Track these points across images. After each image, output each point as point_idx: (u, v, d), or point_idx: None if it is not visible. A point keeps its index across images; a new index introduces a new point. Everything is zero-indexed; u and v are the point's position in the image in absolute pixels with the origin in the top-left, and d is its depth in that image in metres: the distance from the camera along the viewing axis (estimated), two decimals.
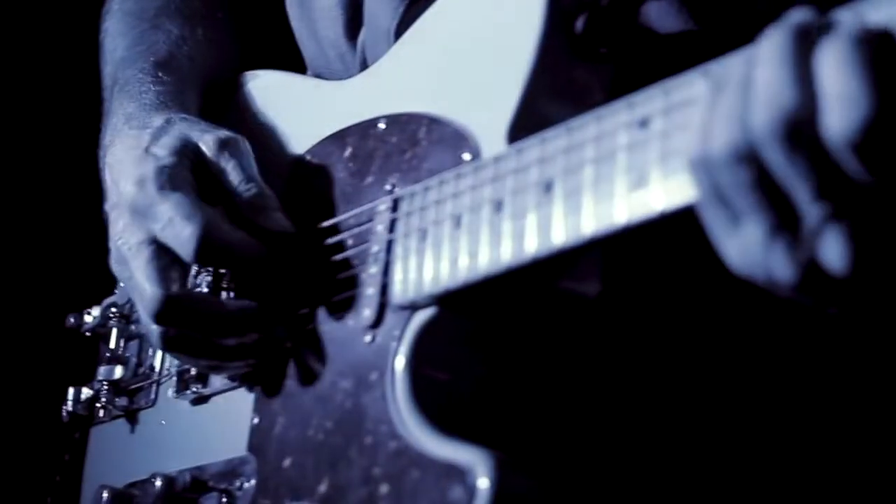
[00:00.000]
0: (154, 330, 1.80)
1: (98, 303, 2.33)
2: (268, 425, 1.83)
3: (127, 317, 2.20)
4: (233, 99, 2.16)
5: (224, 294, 1.92)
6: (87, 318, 2.26)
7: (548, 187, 1.49)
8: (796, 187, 1.19)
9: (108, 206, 1.92)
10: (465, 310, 1.62)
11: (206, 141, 1.85)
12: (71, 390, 2.26)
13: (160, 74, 2.05)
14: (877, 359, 1.65)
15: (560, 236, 1.47)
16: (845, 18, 1.21)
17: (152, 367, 2.14)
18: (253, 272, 1.83)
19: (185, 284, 1.79)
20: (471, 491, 1.48)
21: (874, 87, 1.13)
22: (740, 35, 1.59)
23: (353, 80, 1.95)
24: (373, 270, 1.72)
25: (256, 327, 1.80)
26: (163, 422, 2.10)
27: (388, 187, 1.76)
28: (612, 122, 1.44)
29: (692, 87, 1.35)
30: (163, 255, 1.79)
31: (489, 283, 1.56)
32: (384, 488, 1.60)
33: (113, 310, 2.20)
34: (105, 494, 2.04)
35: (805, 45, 1.20)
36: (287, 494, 1.75)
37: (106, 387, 2.16)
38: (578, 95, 1.65)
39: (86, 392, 2.25)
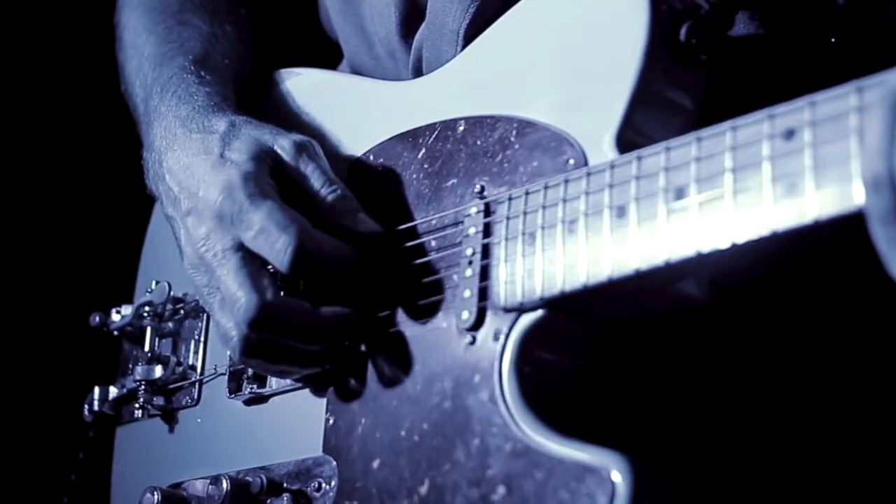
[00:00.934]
0: (237, 335, 1.78)
1: (112, 303, 2.29)
2: (347, 426, 1.83)
3: (161, 315, 2.16)
4: (268, 97, 2.15)
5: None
6: (116, 317, 2.22)
7: (679, 193, 1.52)
8: None
9: (173, 212, 1.90)
10: (572, 311, 1.65)
11: (283, 145, 1.85)
12: (97, 389, 2.24)
13: (203, 73, 2.04)
14: None
15: (695, 243, 1.50)
16: None
17: (192, 367, 2.13)
18: (342, 277, 1.82)
19: (278, 291, 1.77)
20: (609, 492, 1.51)
21: None
22: (810, 41, 1.68)
23: (420, 81, 1.95)
24: (468, 273, 1.73)
25: (347, 335, 1.80)
26: (207, 421, 2.08)
27: (476, 189, 1.77)
28: (751, 131, 1.48)
29: (846, 101, 1.40)
30: (252, 262, 1.78)
31: (600, 288, 1.59)
32: (501, 489, 1.62)
33: (147, 309, 2.16)
34: (156, 496, 2.00)
35: None
36: (378, 495, 1.75)
37: (144, 386, 2.11)
38: (677, 102, 1.68)
39: (113, 391, 2.20)
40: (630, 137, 1.64)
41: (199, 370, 2.11)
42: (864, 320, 1.72)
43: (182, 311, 2.15)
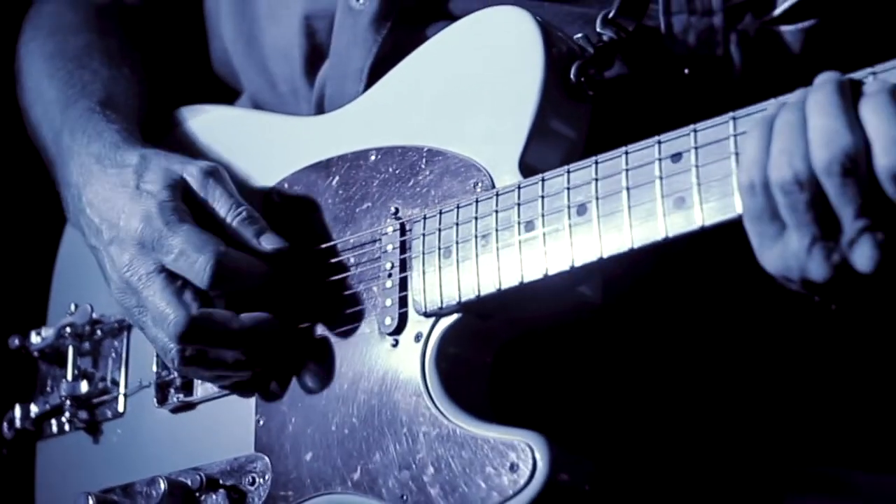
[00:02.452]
0: (172, 349, 1.99)
1: (16, 327, 2.46)
2: (277, 425, 2.05)
3: (81, 335, 2.34)
4: (171, 135, 2.35)
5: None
6: (36, 339, 2.39)
7: (581, 209, 1.81)
8: (843, 207, 1.57)
9: (96, 242, 2.09)
10: (484, 314, 1.92)
11: (191, 172, 2.06)
12: (17, 407, 2.40)
13: (108, 113, 2.23)
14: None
15: (596, 250, 1.78)
16: (870, 78, 1.60)
17: (115, 382, 2.31)
18: (259, 291, 2.04)
19: (201, 305, 1.99)
20: (531, 464, 1.77)
21: None
22: (669, 74, 2.00)
23: (329, 116, 2.18)
24: (388, 284, 1.98)
25: (267, 337, 2.02)
26: (134, 431, 2.27)
27: (391, 211, 2.02)
28: (643, 154, 1.77)
29: (724, 128, 1.70)
30: (174, 281, 1.99)
31: (512, 292, 1.86)
32: (430, 470, 1.87)
33: (68, 329, 2.34)
34: (90, 500, 2.18)
35: (848, 98, 1.58)
36: (313, 483, 1.98)
37: (70, 401, 2.29)
38: (569, 131, 1.97)
39: (34, 409, 2.37)
40: (530, 163, 1.92)
41: (121, 384, 2.28)
42: (739, 309, 2.03)
43: (101, 331, 2.33)
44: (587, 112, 1.98)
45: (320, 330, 2.03)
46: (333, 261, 2.06)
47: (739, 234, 1.69)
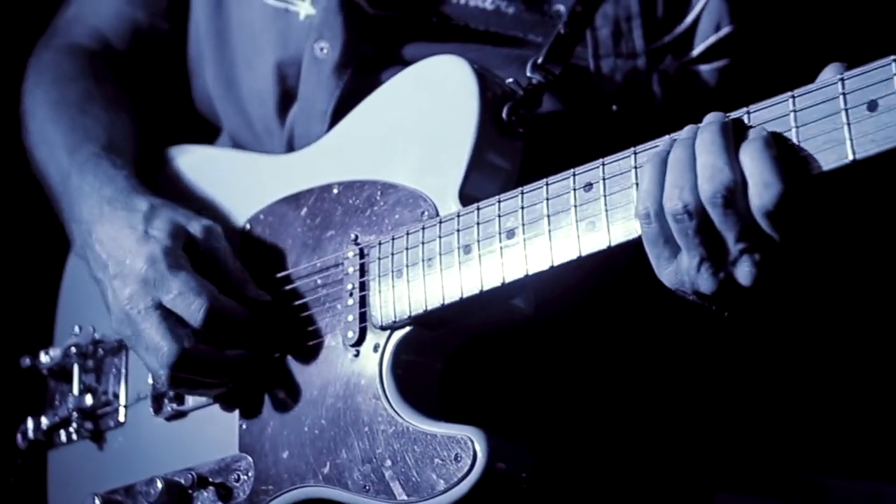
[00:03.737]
0: (164, 375, 2.28)
1: (33, 347, 2.76)
2: (258, 428, 2.34)
3: (85, 354, 2.64)
4: (162, 173, 2.65)
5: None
6: (45, 358, 2.68)
7: (510, 234, 2.10)
8: (726, 232, 1.85)
9: (101, 275, 2.37)
10: (431, 325, 2.21)
11: (195, 227, 2.35)
12: (30, 420, 2.68)
13: (113, 158, 2.52)
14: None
15: (523, 268, 2.07)
16: (745, 117, 1.88)
17: (115, 395, 2.60)
18: (240, 328, 2.34)
19: (193, 339, 2.28)
20: (471, 454, 2.06)
21: (780, 175, 1.81)
22: (598, 110, 2.28)
23: (298, 154, 2.47)
24: (349, 303, 2.27)
25: (245, 370, 2.31)
26: (134, 438, 2.56)
27: (351, 238, 2.31)
28: (561, 185, 2.06)
29: (627, 161, 1.99)
30: (169, 317, 2.28)
31: (454, 306, 2.15)
32: (388, 462, 2.16)
33: (73, 349, 2.63)
34: (97, 501, 2.48)
35: (730, 137, 1.86)
36: (290, 478, 2.27)
37: (76, 413, 2.59)
38: (503, 165, 2.26)
39: (45, 421, 2.67)
40: (469, 193, 2.20)
41: (122, 397, 2.58)
42: (656, 316, 2.33)
43: (102, 350, 2.62)
44: (520, 147, 2.27)
45: (294, 345, 2.32)
46: (302, 283, 2.34)
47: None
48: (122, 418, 2.57)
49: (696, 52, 2.39)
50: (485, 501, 2.07)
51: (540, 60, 2.30)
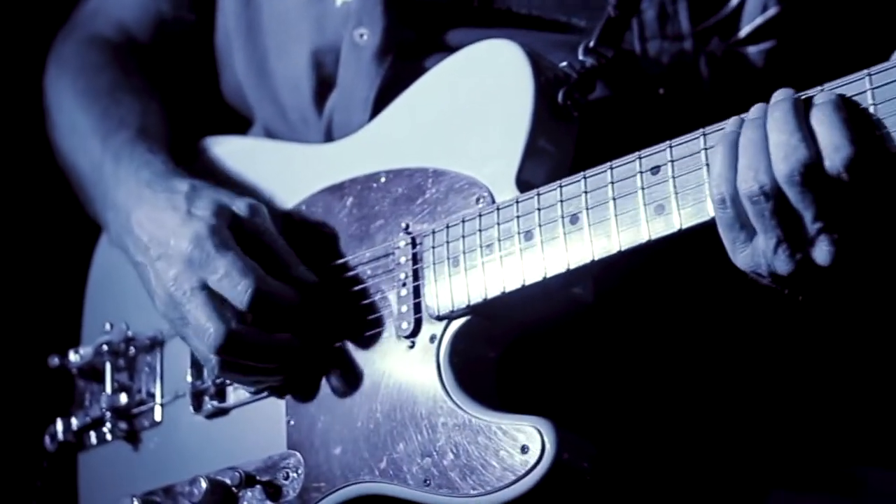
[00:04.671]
0: (212, 359, 2.22)
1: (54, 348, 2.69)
2: (307, 424, 2.28)
3: (117, 352, 2.57)
4: (198, 162, 2.59)
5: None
6: (75, 357, 2.61)
7: (574, 219, 2.05)
8: (804, 211, 1.81)
9: (142, 258, 2.31)
10: (489, 315, 2.16)
11: (239, 206, 2.29)
12: (59, 421, 2.61)
13: (149, 144, 2.47)
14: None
15: (588, 254, 2.03)
16: (817, 92, 1.84)
17: (150, 393, 2.54)
18: (287, 311, 2.27)
19: (239, 321, 2.22)
20: (540, 445, 2.01)
21: (850, 137, 1.77)
22: (646, 94, 2.24)
23: (339, 143, 2.42)
24: (403, 293, 2.22)
25: (293, 355, 2.25)
26: (171, 437, 2.50)
27: (402, 226, 2.25)
28: (626, 169, 2.01)
29: (696, 143, 1.95)
30: (215, 298, 2.22)
31: (515, 294, 2.10)
32: (450, 455, 2.10)
33: (105, 347, 2.56)
34: (135, 502, 2.41)
35: (801, 113, 1.82)
36: (343, 474, 2.21)
37: (110, 413, 2.52)
38: (558, 149, 2.22)
39: (75, 422, 2.60)
40: (525, 178, 2.15)
41: (157, 395, 2.51)
42: (730, 303, 2.29)
43: (134, 348, 2.56)
44: (573, 131, 2.22)
45: (343, 336, 2.26)
46: (351, 274, 2.29)
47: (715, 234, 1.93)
48: (158, 417, 2.51)
49: (742, 33, 2.35)
50: (548, 494, 2.01)
51: (592, 44, 2.26)
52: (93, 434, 2.60)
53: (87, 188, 2.52)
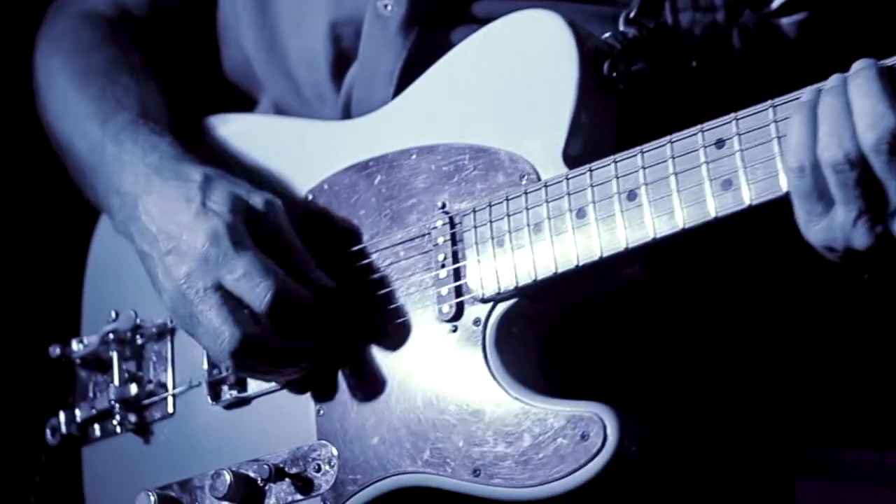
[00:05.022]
0: (227, 363, 2.11)
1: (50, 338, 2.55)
2: (339, 414, 2.18)
3: (125, 341, 2.44)
4: (202, 143, 2.46)
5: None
6: (78, 347, 2.48)
7: (631, 196, 1.96)
8: (889, 181, 1.74)
9: (150, 249, 2.19)
10: (536, 296, 2.06)
11: (256, 201, 2.17)
12: (62, 414, 2.48)
13: (153, 126, 2.34)
14: None
15: (649, 231, 1.94)
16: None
17: (161, 383, 2.41)
18: (305, 314, 2.16)
19: (256, 324, 2.10)
20: (601, 434, 1.93)
21: None
22: (680, 68, 2.17)
23: (363, 119, 2.30)
24: (442, 275, 2.12)
25: (309, 359, 2.15)
26: (184, 429, 2.38)
27: (438, 206, 2.15)
28: (687, 143, 1.93)
29: (762, 114, 1.87)
30: (230, 299, 2.10)
31: (568, 274, 2.01)
32: (501, 445, 2.01)
33: (111, 336, 2.43)
34: (152, 497, 2.29)
35: (887, 81, 1.75)
36: (381, 465, 2.11)
37: (119, 405, 2.39)
38: (602, 123, 2.13)
39: (79, 414, 2.47)
40: (571, 154, 2.06)
41: (169, 385, 2.39)
42: (776, 283, 2.21)
43: (142, 336, 2.43)
44: (616, 105, 2.13)
45: (376, 322, 2.16)
46: (383, 256, 2.18)
47: (770, 213, 1.85)
48: (170, 408, 2.40)
49: (774, 4, 2.28)
50: (605, 483, 1.93)
51: (633, 14, 2.17)
52: (97, 427, 2.47)
53: (85, 173, 2.39)
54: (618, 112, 2.14)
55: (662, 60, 2.27)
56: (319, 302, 2.16)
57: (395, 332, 2.14)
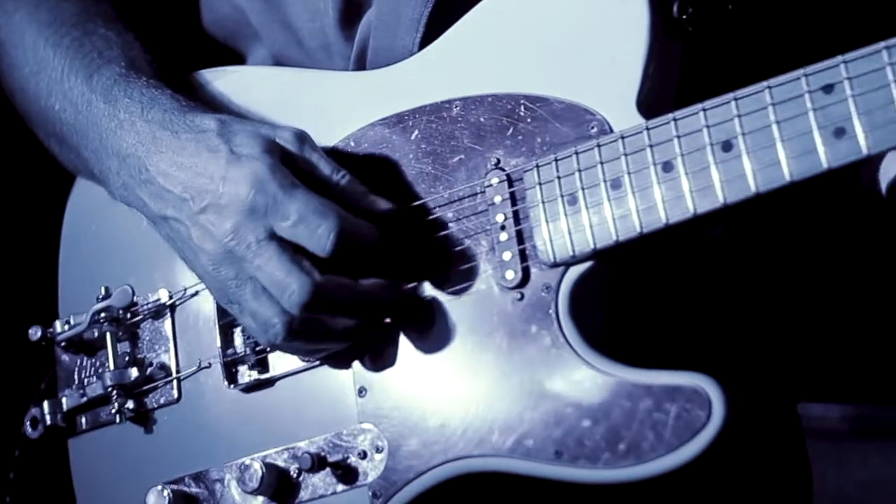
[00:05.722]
0: (280, 321, 1.88)
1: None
2: (385, 394, 1.98)
3: (118, 320, 2.19)
4: (196, 99, 2.20)
5: None
6: (64, 328, 2.23)
7: (726, 146, 1.80)
8: None
9: (175, 213, 1.94)
10: (613, 259, 1.89)
11: (285, 137, 1.95)
12: (46, 403, 2.22)
13: (146, 78, 2.09)
14: None
15: (750, 185, 1.78)
16: None
17: (163, 366, 2.17)
18: (368, 256, 1.94)
19: (322, 272, 1.88)
20: (707, 407, 1.77)
21: None
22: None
23: (389, 69, 2.08)
24: (503, 238, 1.93)
25: (387, 304, 1.94)
26: (193, 416, 2.14)
27: (492, 162, 1.96)
28: (788, 88, 1.77)
29: (878, 58, 1.72)
30: (287, 248, 1.88)
31: (655, 234, 1.84)
32: (585, 423, 1.83)
33: (103, 315, 2.18)
34: (167, 492, 2.05)
35: None
36: (441, 451, 1.92)
37: (116, 392, 2.14)
38: (671, 69, 1.96)
39: (67, 402, 2.21)
40: (645, 103, 1.89)
41: (173, 368, 2.15)
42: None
43: (139, 314, 2.18)
44: (679, 50, 1.96)
45: (428, 291, 1.96)
46: (430, 218, 1.97)
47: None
48: (175, 393, 2.15)
49: None
50: (706, 459, 1.77)
51: None
52: (86, 416, 2.21)
53: (67, 136, 2.12)
54: (680, 58, 1.96)
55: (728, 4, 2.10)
56: (383, 238, 1.94)
57: (451, 302, 1.96)
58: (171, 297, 2.17)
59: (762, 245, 2.06)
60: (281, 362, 2.06)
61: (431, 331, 1.95)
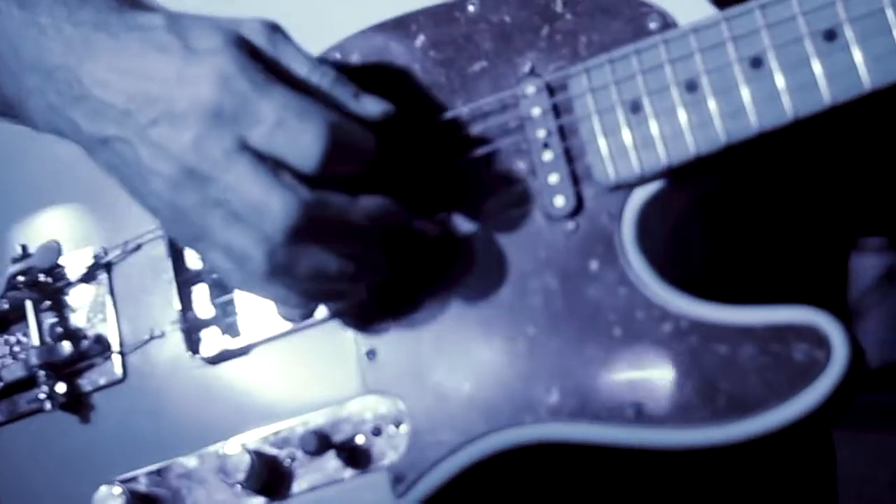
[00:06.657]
0: (261, 253, 1.47)
1: None
2: (401, 355, 1.62)
3: (39, 285, 1.76)
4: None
5: None
6: None
7: (829, 35, 1.50)
8: None
9: (118, 130, 1.52)
10: (687, 176, 1.57)
11: (252, 28, 1.54)
12: None
13: None
14: None
15: (865, 81, 1.49)
16: None
17: (99, 338, 1.75)
18: (363, 178, 1.57)
19: (308, 187, 1.49)
20: (826, 348, 1.46)
21: None
22: None
23: None
24: (546, 157, 1.59)
25: (395, 225, 1.56)
26: (144, 397, 1.74)
27: (524, 69, 1.61)
28: None
29: None
30: (264, 161, 1.48)
31: (744, 143, 1.53)
32: (668, 373, 1.51)
33: (21, 279, 1.74)
34: (118, 491, 1.65)
35: None
36: (484, 419, 1.57)
37: (44, 373, 1.72)
38: None
39: None
40: None
41: (115, 341, 1.73)
42: None
43: (66, 277, 1.75)
44: None
45: (453, 224, 1.59)
46: (448, 140, 1.61)
47: None
48: (118, 371, 1.72)
49: None
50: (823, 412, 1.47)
51: None
52: (2, 405, 1.76)
53: None
54: None
55: None
56: (386, 161, 1.55)
57: (483, 237, 1.59)
58: (106, 253, 1.74)
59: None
60: (259, 325, 1.66)
61: (458, 275, 1.59)
